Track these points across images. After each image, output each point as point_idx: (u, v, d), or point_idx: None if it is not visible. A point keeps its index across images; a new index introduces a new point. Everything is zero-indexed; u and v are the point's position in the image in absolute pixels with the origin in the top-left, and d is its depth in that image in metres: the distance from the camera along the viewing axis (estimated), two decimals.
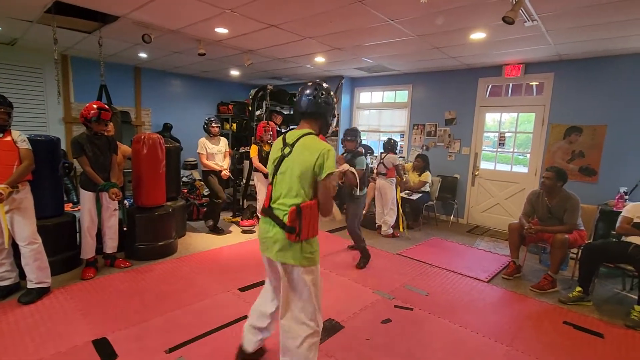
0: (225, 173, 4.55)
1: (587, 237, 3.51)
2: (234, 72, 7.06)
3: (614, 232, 3.26)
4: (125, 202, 3.94)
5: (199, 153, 4.50)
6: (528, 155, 5.22)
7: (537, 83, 5.05)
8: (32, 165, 2.65)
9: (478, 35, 3.82)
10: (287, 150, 1.76)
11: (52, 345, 2.15)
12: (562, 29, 3.49)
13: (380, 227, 4.93)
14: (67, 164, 5.18)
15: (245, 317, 2.56)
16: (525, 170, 5.30)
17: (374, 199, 5.30)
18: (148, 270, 3.37)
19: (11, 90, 5.33)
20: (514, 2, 2.65)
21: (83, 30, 4.35)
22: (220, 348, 2.21)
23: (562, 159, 4.75)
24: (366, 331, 2.49)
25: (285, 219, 1.68)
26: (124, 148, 3.85)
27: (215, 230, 4.61)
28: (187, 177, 6.36)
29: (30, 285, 2.69)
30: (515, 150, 5.45)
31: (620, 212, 3.25)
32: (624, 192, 3.97)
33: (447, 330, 2.58)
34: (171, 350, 2.16)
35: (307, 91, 1.82)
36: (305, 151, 1.70)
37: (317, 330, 1.76)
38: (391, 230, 4.84)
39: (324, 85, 1.88)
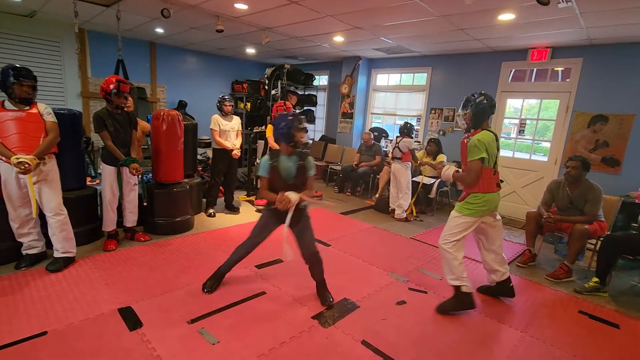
0: (237, 153, 4.41)
1: (607, 229, 3.46)
2: (250, 50, 6.96)
3: (636, 225, 3.21)
4: (143, 177, 4.00)
5: (211, 129, 4.36)
6: (549, 144, 5.10)
7: (563, 68, 4.87)
8: (57, 137, 2.70)
9: (507, 17, 3.67)
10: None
11: (81, 312, 2.25)
12: (597, 11, 3.33)
13: (393, 210, 4.93)
14: (85, 139, 5.25)
15: (263, 292, 2.64)
16: (544, 158, 5.19)
17: (387, 183, 5.28)
18: (167, 244, 3.45)
19: (29, 63, 5.35)
20: None
21: (102, 4, 4.31)
22: (240, 321, 2.28)
23: (584, 148, 4.63)
24: (381, 311, 2.54)
25: None
26: (143, 124, 3.88)
27: (231, 208, 4.67)
28: (201, 155, 6.41)
29: (57, 255, 2.79)
30: (536, 138, 5.33)
31: None
32: None
33: (460, 314, 2.61)
34: (193, 321, 2.24)
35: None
36: None
37: None
38: (404, 214, 4.84)
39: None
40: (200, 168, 5.72)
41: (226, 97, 4.41)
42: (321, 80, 8.30)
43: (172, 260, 3.11)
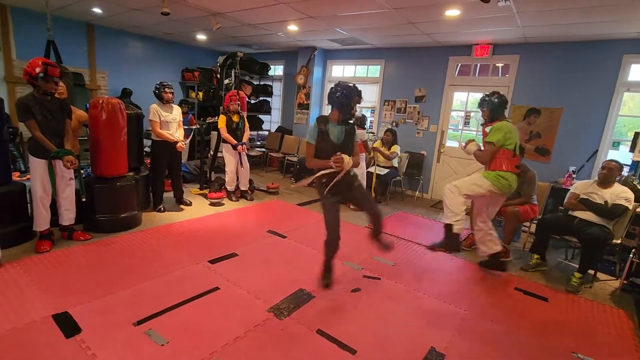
0: (181, 145, 4.15)
1: (539, 212, 3.80)
2: (201, 37, 6.63)
3: (562, 208, 3.56)
4: (82, 171, 3.69)
5: (151, 121, 4.03)
6: None
7: (503, 64, 5.22)
8: None
9: (453, 12, 3.83)
10: None
11: (7, 322, 2.02)
12: (532, 11, 3.59)
13: None
14: (11, 129, 4.70)
15: (217, 288, 2.57)
16: None
17: None
18: (110, 242, 3.22)
19: None
20: None
21: None
22: (192, 319, 2.20)
23: (521, 138, 4.98)
24: (336, 300, 2.58)
25: None
26: (80, 113, 3.54)
27: (182, 203, 4.46)
28: (148, 146, 6.03)
29: None
30: (479, 130, 5.67)
31: (569, 189, 3.55)
32: (572, 171, 4.31)
33: (412, 297, 2.73)
34: (139, 322, 2.12)
35: None
36: None
37: None
38: None
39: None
40: (149, 161, 5.39)
41: (165, 83, 4.07)
42: (277, 70, 8.15)
43: (116, 260, 2.91)
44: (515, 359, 2.12)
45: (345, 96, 2.35)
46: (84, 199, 3.27)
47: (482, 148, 3.08)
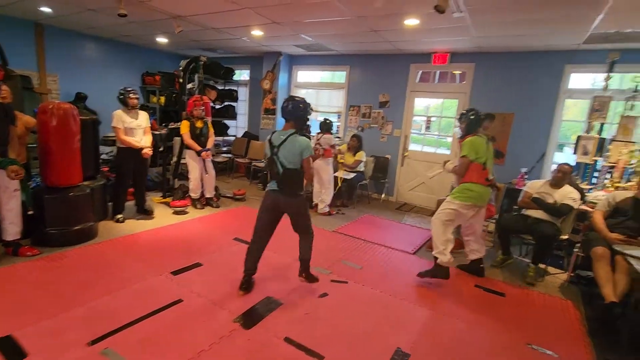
0: (147, 152, 3.99)
1: (496, 212, 4.03)
2: (162, 40, 6.41)
3: (516, 207, 3.80)
4: (31, 181, 3.43)
5: (114, 127, 3.85)
6: (450, 139, 5.73)
7: (461, 72, 5.49)
8: None
9: (412, 22, 3.99)
10: None
11: None
12: (484, 22, 3.82)
13: (317, 205, 5.04)
14: None
15: (180, 300, 2.47)
16: (448, 152, 5.82)
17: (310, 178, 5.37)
18: (62, 257, 3.01)
19: None
20: None
21: None
22: (153, 334, 2.10)
23: None
24: (304, 306, 2.57)
25: None
26: (27, 119, 3.29)
27: (143, 212, 4.27)
28: (107, 154, 5.72)
29: None
30: (440, 134, 5.94)
31: (521, 189, 3.80)
32: (524, 172, 4.61)
33: (379, 299, 2.79)
34: (94, 342, 1.99)
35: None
36: None
37: None
38: (327, 209, 4.99)
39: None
40: (107, 168, 5.11)
41: (130, 89, 3.92)
42: (242, 74, 8.05)
43: (69, 275, 2.72)
44: (475, 355, 2.22)
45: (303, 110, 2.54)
46: (30, 212, 3.04)
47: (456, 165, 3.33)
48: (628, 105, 4.00)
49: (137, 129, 3.97)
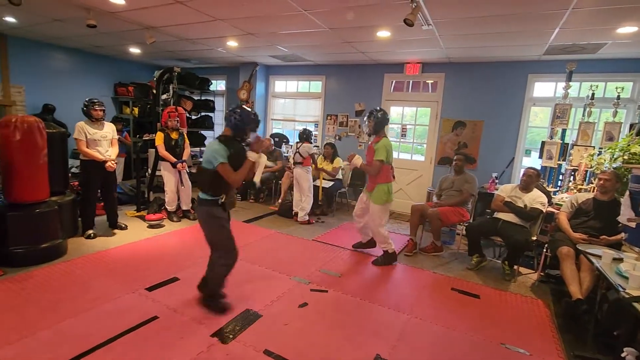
0: (111, 165, 3.84)
1: (470, 216, 4.16)
2: (135, 50, 6.30)
3: (489, 210, 3.94)
4: None
5: (75, 139, 3.71)
6: (425, 145, 5.89)
7: (432, 81, 5.68)
8: None
9: (384, 34, 4.11)
10: None
11: None
12: (451, 35, 3.99)
13: (296, 214, 5.04)
14: None
15: (155, 317, 2.41)
16: (422, 158, 5.97)
17: (290, 188, 5.37)
18: (27, 277, 2.87)
19: None
20: (414, 7, 2.93)
21: None
22: (126, 355, 2.03)
23: (450, 149, 5.48)
24: (284, 317, 2.56)
25: None
26: None
27: (116, 227, 4.13)
28: (76, 167, 5.52)
29: None
30: (415, 141, 6.09)
31: (493, 193, 3.95)
32: (495, 176, 4.79)
33: (358, 306, 2.80)
34: None
35: None
36: None
37: None
38: (307, 217, 4.99)
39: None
40: (77, 183, 4.93)
41: (95, 101, 3.79)
42: (218, 85, 8.00)
43: (34, 297, 2.59)
44: (452, 357, 2.27)
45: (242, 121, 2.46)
46: None
47: (365, 161, 3.67)
48: (586, 112, 4.26)
49: (102, 140, 3.83)
